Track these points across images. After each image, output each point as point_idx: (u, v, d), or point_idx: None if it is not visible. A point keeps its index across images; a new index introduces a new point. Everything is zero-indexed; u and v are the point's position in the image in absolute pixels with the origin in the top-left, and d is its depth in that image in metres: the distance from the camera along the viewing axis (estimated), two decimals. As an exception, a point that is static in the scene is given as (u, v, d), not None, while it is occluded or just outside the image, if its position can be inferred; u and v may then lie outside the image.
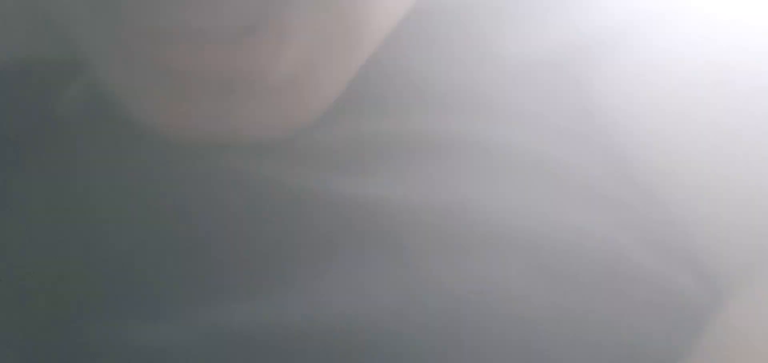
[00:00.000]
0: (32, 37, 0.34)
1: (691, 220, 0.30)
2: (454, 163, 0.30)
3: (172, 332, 0.25)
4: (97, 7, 0.28)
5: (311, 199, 0.28)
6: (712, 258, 0.30)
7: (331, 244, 0.27)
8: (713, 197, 0.30)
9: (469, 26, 0.34)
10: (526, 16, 0.34)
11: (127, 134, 0.30)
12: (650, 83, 0.33)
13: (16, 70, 0.33)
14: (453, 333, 0.25)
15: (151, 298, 0.26)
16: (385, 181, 0.29)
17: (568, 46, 0.34)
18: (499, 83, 0.33)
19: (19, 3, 0.34)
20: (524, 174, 0.30)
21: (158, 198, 0.28)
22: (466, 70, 0.33)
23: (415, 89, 0.32)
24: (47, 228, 0.28)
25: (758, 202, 0.29)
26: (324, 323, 0.25)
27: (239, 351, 0.25)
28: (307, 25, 0.28)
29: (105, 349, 0.25)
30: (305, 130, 0.30)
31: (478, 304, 0.26)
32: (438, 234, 0.27)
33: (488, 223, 0.28)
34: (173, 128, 0.29)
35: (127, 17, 0.28)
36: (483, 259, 0.27)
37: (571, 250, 0.28)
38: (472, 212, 0.28)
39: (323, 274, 0.27)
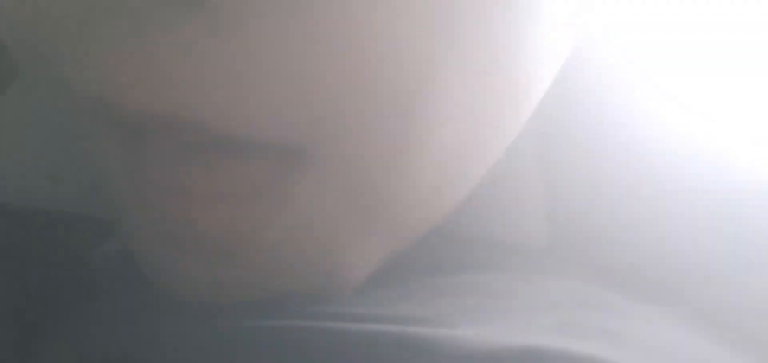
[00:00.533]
0: (80, 193, 0.35)
1: None
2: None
3: None
4: (125, 165, 0.28)
5: None
6: None
7: None
8: None
9: None
10: None
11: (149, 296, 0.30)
12: None
13: (58, 223, 0.34)
14: None
15: None
16: None
17: None
18: None
19: (70, 158, 0.35)
20: None
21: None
22: None
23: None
24: None
25: None
26: None
27: None
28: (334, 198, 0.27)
29: None
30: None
31: None
32: None
33: None
34: (190, 290, 0.28)
35: (150, 176, 0.28)
36: None
37: None
38: None
39: None
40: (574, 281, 0.32)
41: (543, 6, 0.26)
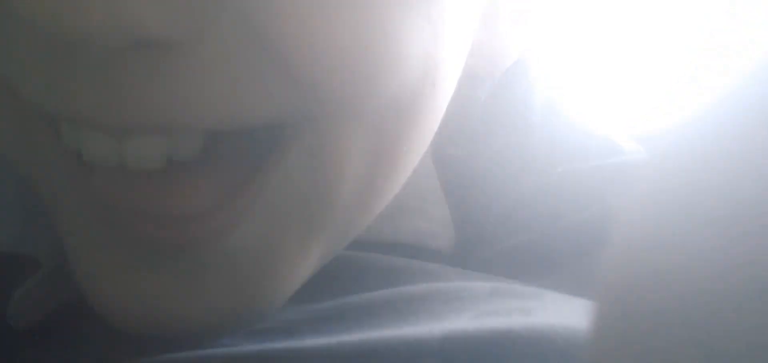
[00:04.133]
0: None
1: None
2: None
3: None
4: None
5: None
6: None
7: None
8: None
9: None
10: None
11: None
12: None
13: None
14: None
15: None
16: None
17: None
18: None
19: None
20: None
21: None
22: None
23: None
24: None
25: None
26: None
27: None
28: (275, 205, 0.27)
29: None
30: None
31: None
32: None
33: None
34: (129, 314, 0.28)
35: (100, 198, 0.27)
36: None
37: None
38: None
39: None
40: (484, 275, 0.33)
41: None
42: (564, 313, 0.29)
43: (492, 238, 0.35)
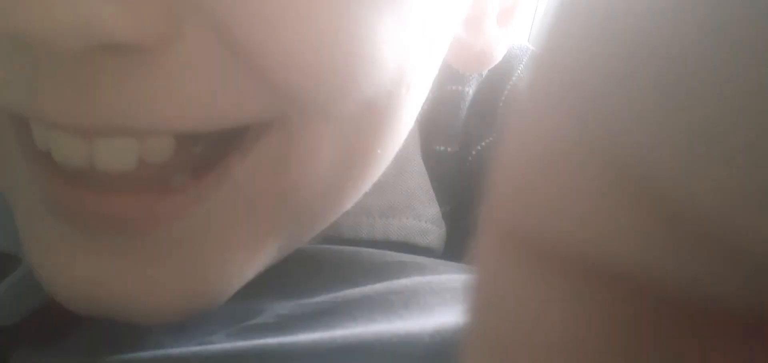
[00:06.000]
0: None
1: None
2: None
3: None
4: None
5: None
6: None
7: None
8: None
9: None
10: None
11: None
12: None
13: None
14: None
15: None
16: None
17: None
18: None
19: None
20: None
21: None
22: None
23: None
24: None
25: None
26: None
27: None
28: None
29: None
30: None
31: None
32: None
33: None
34: (78, 294, 0.28)
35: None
36: None
37: None
38: None
39: None
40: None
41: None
42: None
43: None
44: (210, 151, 0.27)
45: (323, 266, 0.31)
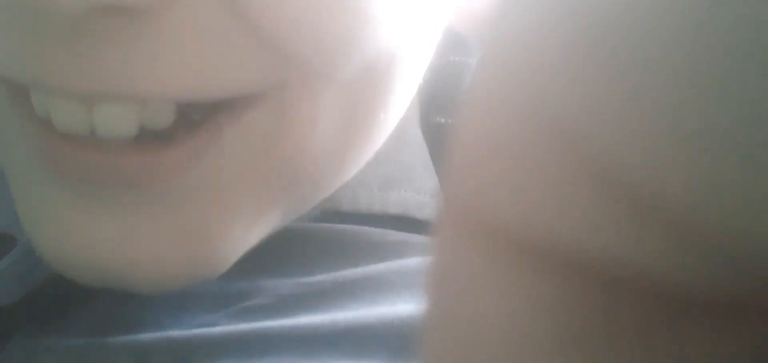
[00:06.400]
0: None
1: None
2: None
3: None
4: None
5: None
6: None
7: None
8: None
9: None
10: None
11: None
12: None
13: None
14: None
15: None
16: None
17: None
18: None
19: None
20: None
21: None
22: None
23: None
24: None
25: None
26: None
27: None
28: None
29: None
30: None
31: None
32: None
33: None
34: (77, 260, 0.27)
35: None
36: None
37: None
38: None
39: None
40: None
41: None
42: None
43: None
44: (210, 120, 0.27)
45: (324, 245, 0.31)
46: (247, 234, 0.28)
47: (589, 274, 0.09)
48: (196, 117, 0.27)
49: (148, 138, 0.27)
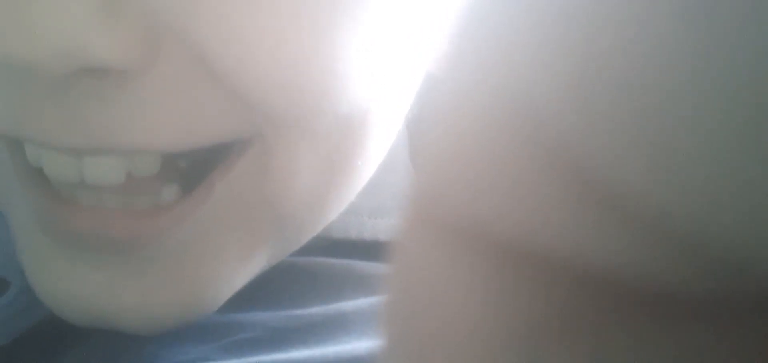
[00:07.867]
0: None
1: None
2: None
3: None
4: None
5: None
6: None
7: None
8: None
9: None
10: None
11: None
12: None
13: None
14: None
15: None
16: None
17: None
18: None
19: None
20: None
21: None
22: None
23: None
24: None
25: None
26: None
27: None
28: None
29: None
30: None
31: None
32: None
33: None
34: (73, 306, 0.28)
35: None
36: None
37: None
38: None
39: None
40: None
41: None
42: None
43: None
44: (196, 165, 0.28)
45: (316, 278, 0.31)
46: (235, 276, 0.29)
47: (554, 270, 0.09)
48: (182, 163, 0.28)
49: (140, 194, 0.28)
